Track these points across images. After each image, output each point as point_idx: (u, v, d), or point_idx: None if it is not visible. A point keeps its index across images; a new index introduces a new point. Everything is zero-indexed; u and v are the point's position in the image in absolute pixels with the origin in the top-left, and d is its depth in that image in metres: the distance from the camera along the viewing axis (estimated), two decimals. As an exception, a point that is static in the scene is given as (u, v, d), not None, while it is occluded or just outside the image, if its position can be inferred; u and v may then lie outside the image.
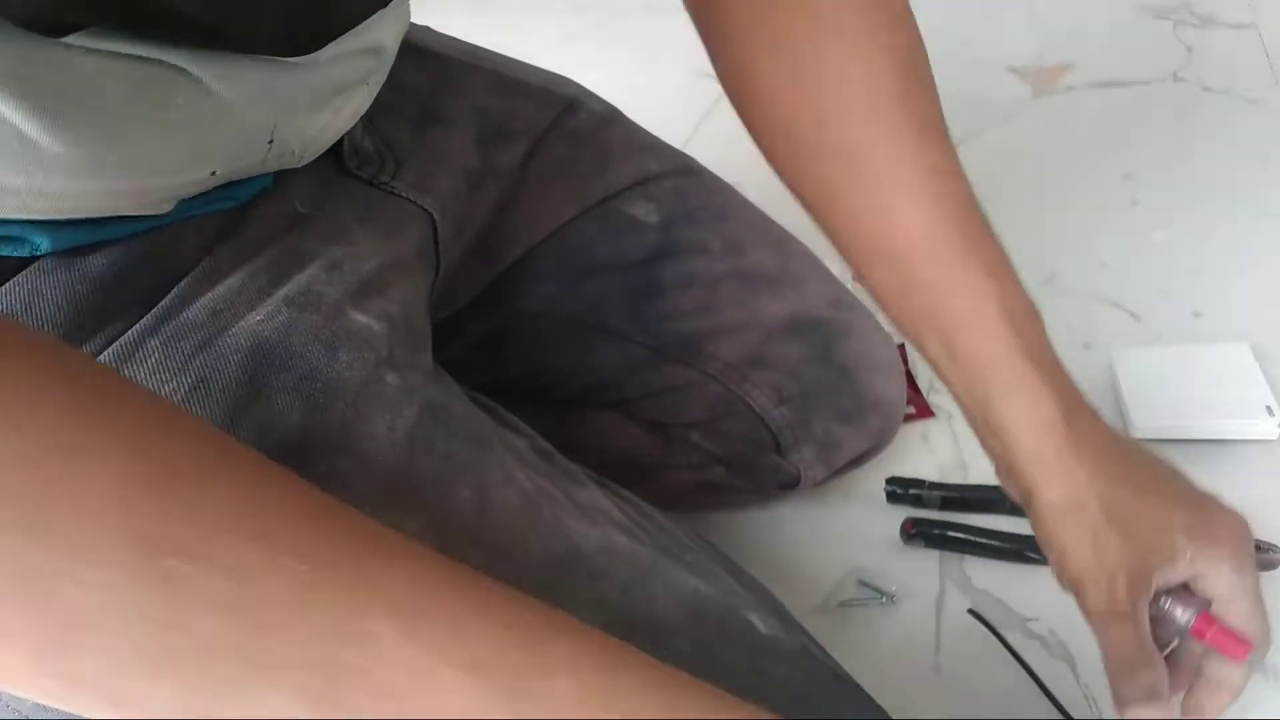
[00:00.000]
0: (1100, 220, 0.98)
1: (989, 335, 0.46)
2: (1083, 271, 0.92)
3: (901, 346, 0.87)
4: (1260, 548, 0.62)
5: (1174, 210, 0.98)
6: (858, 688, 0.48)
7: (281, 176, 0.45)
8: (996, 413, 0.47)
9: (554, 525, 0.42)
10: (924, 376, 0.83)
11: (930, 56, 1.36)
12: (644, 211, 0.63)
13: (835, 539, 0.71)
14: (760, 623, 0.46)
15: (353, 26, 0.40)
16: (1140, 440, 0.73)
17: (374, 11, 0.42)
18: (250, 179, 0.42)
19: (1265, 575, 0.61)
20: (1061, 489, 0.46)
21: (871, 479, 0.74)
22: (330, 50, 0.40)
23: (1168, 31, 1.34)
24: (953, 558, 0.69)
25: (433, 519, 0.39)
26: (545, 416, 0.62)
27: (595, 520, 0.44)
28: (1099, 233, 0.96)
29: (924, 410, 0.81)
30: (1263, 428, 0.71)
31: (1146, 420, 0.72)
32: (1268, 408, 0.72)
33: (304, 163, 0.44)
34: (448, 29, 0.65)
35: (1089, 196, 1.01)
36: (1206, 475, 0.70)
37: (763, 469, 0.68)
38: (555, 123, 0.61)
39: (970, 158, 1.15)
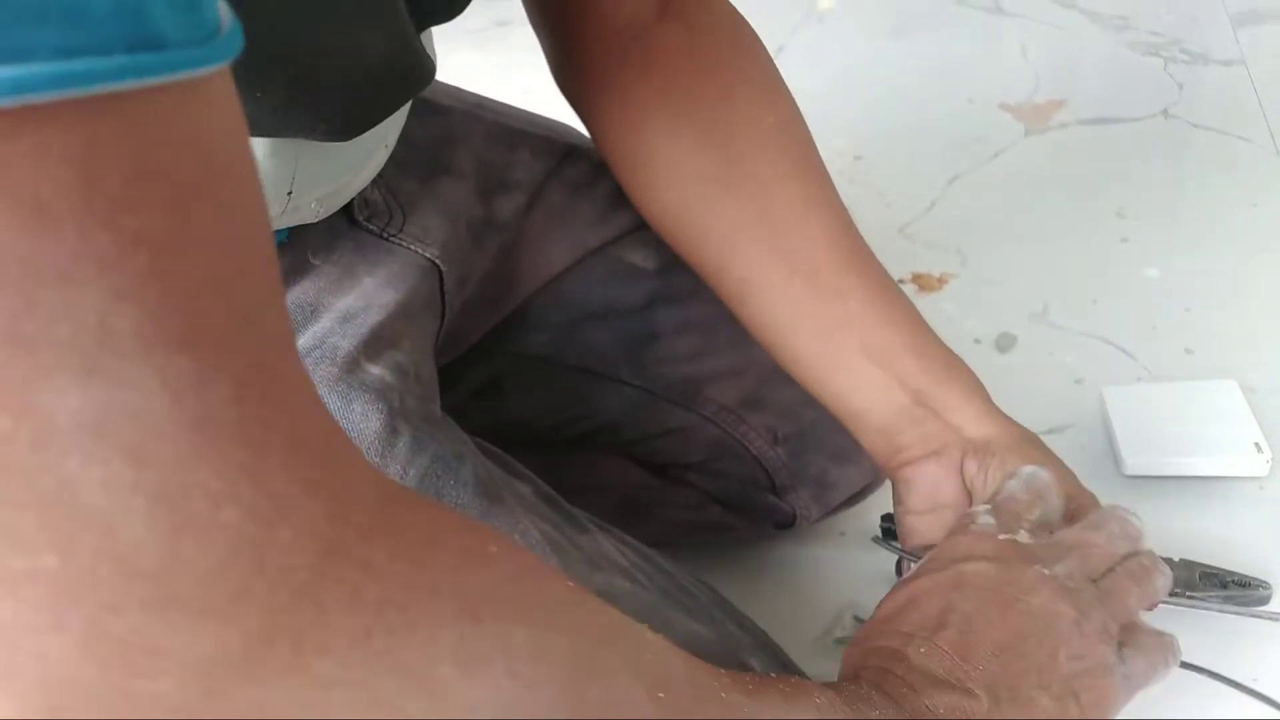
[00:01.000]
0: (1092, 257, 1.00)
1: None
2: (1075, 308, 0.93)
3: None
4: (1248, 584, 0.63)
5: (1165, 247, 1.00)
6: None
7: (295, 229, 0.47)
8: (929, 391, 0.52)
9: (560, 572, 0.43)
10: (919, 413, 0.85)
11: (924, 95, 1.40)
12: (642, 258, 0.64)
13: (831, 576, 0.73)
14: (758, 665, 0.47)
15: (386, 117, 0.43)
16: (1132, 477, 0.74)
17: (404, 103, 0.44)
18: None
19: (1252, 611, 0.62)
20: (1003, 434, 0.51)
21: (867, 516, 0.75)
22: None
23: (1159, 68, 1.36)
24: (948, 595, 0.70)
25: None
26: (544, 459, 0.64)
27: (599, 565, 0.46)
28: (1091, 269, 0.98)
29: (919, 447, 0.82)
30: (1251, 464, 0.72)
31: (1137, 457, 0.74)
32: (1256, 444, 0.73)
33: (321, 216, 0.46)
34: (453, 66, 0.67)
35: (1081, 233, 1.03)
36: (1196, 512, 0.72)
37: (759, 509, 0.69)
38: (554, 171, 0.62)
39: (962, 194, 1.18)
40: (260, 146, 0.39)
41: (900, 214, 1.11)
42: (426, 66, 0.44)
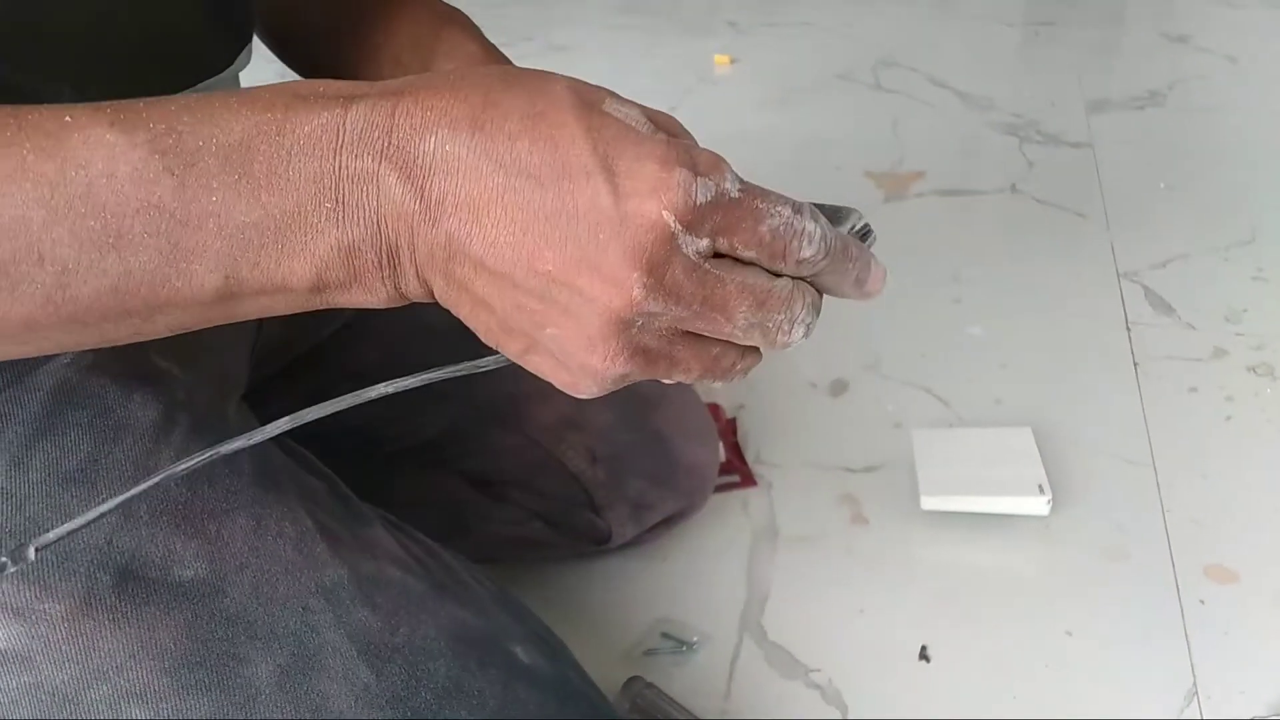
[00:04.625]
0: (925, 314, 1.08)
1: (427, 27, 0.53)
2: (903, 360, 1.00)
3: (733, 420, 0.94)
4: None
5: (991, 309, 1.08)
6: (614, 715, 0.53)
7: None
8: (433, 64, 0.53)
9: (327, 557, 0.47)
10: (751, 448, 0.91)
11: (798, 161, 1.50)
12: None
13: (644, 592, 0.77)
14: (523, 653, 0.51)
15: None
16: (929, 512, 0.81)
17: (182, 89, 0.47)
18: None
19: None
20: None
21: (684, 538, 0.81)
22: None
23: (1014, 147, 1.47)
24: (752, 612, 0.75)
25: (207, 542, 0.44)
26: (371, 468, 0.67)
27: (374, 555, 0.50)
28: (922, 326, 1.06)
29: (747, 479, 0.88)
30: (1034, 504, 0.79)
31: (933, 492, 0.80)
32: (1039, 486, 0.80)
33: None
34: None
35: (918, 293, 1.11)
36: (985, 546, 0.79)
37: (578, 526, 0.73)
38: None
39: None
40: None
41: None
42: (214, 55, 0.47)
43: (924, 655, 0.71)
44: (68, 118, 0.30)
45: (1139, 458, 0.86)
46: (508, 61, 0.52)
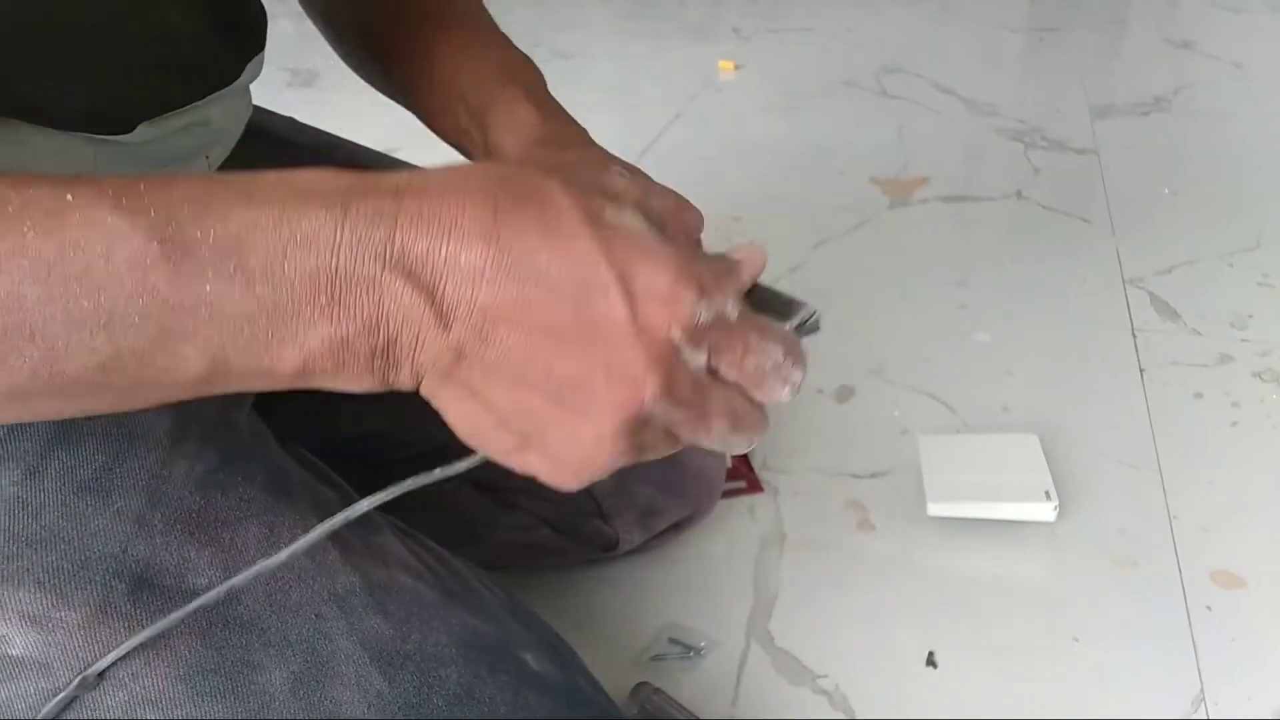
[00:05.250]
0: (930, 320, 1.08)
1: (493, 85, 0.54)
2: (909, 365, 1.01)
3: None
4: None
5: (997, 315, 1.08)
6: (623, 723, 0.53)
7: None
8: (492, 131, 0.53)
9: (339, 565, 0.47)
10: (757, 455, 0.91)
11: (804, 166, 1.50)
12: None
13: (651, 598, 0.77)
14: (534, 660, 0.52)
15: (164, 113, 0.47)
16: (935, 518, 0.81)
17: (186, 103, 0.48)
18: None
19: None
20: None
21: (691, 544, 0.81)
22: (144, 132, 0.46)
23: (1019, 153, 1.48)
24: (759, 617, 0.76)
25: (221, 550, 0.44)
26: (379, 478, 0.67)
27: (385, 563, 0.50)
28: (928, 331, 1.06)
29: (754, 485, 0.88)
30: (1040, 510, 0.79)
31: (939, 498, 0.80)
32: (1046, 492, 0.80)
33: None
34: (362, 110, 0.70)
35: (923, 298, 1.12)
36: (991, 552, 0.79)
37: (586, 532, 0.74)
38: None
39: (826, 258, 1.27)
40: (51, 141, 0.42)
41: (767, 273, 1.18)
42: (225, 69, 0.48)
43: (931, 661, 0.71)
44: (69, 196, 0.31)
45: (1145, 463, 0.87)
46: (568, 123, 0.53)
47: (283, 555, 0.40)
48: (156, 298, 0.31)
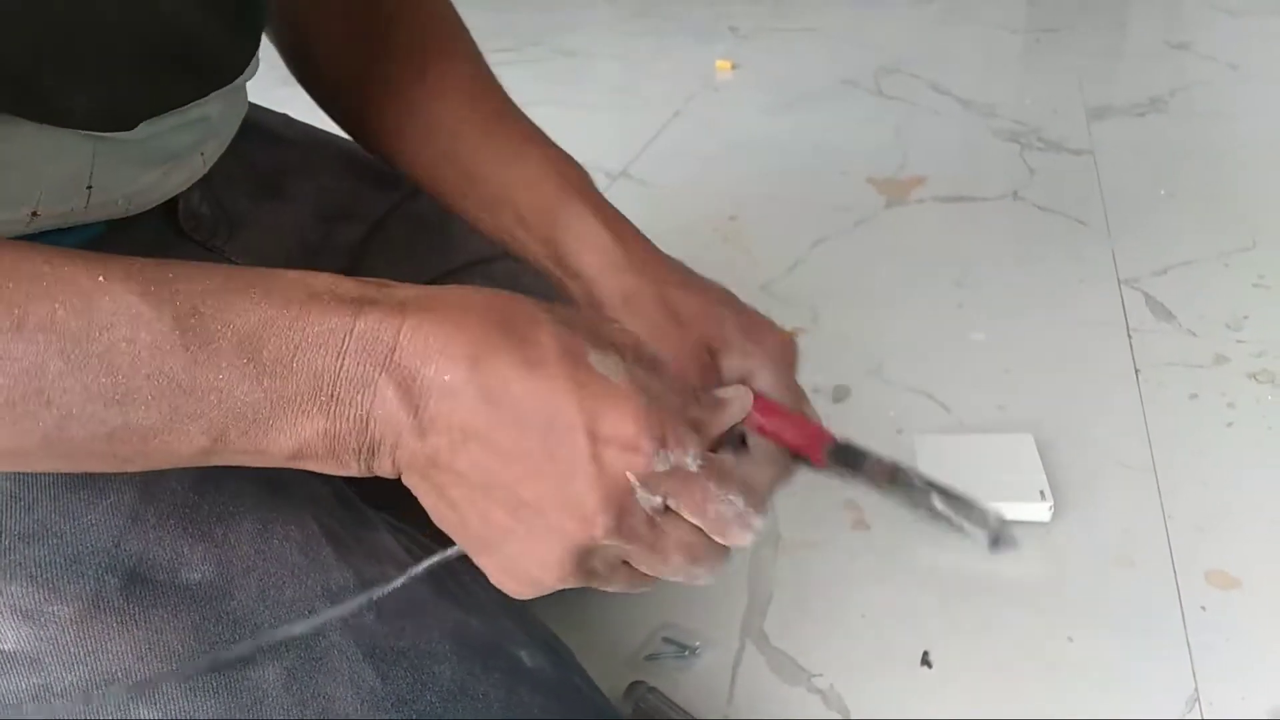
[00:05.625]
0: (927, 320, 1.08)
1: (548, 189, 0.54)
2: (906, 365, 1.01)
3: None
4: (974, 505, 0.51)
5: (993, 315, 1.08)
6: (618, 719, 0.53)
7: (116, 232, 0.50)
8: (564, 248, 0.54)
9: (332, 561, 0.47)
10: (753, 454, 0.91)
11: (802, 166, 1.50)
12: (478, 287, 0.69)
13: (646, 597, 0.77)
14: (527, 657, 0.51)
15: (172, 108, 0.47)
16: (930, 517, 0.81)
17: (198, 97, 0.48)
18: (77, 228, 0.48)
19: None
20: (620, 292, 0.52)
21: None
22: (147, 129, 0.46)
23: (1015, 154, 1.48)
24: (754, 617, 0.76)
25: (214, 545, 0.44)
26: (379, 478, 0.67)
27: (378, 559, 0.50)
28: (924, 331, 1.06)
29: (749, 485, 0.88)
30: (1035, 510, 0.79)
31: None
32: (1041, 492, 0.80)
33: (131, 213, 0.50)
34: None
35: (920, 298, 1.12)
36: (986, 553, 0.79)
37: (581, 530, 0.73)
38: (397, 206, 0.67)
39: (823, 257, 1.26)
40: (50, 138, 0.42)
41: (765, 272, 1.19)
42: (229, 64, 0.47)
43: (926, 661, 0.71)
44: (101, 277, 0.33)
45: (1140, 464, 0.87)
46: (637, 237, 0.54)
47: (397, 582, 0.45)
48: (172, 381, 0.34)
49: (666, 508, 0.38)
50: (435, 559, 0.43)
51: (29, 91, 0.39)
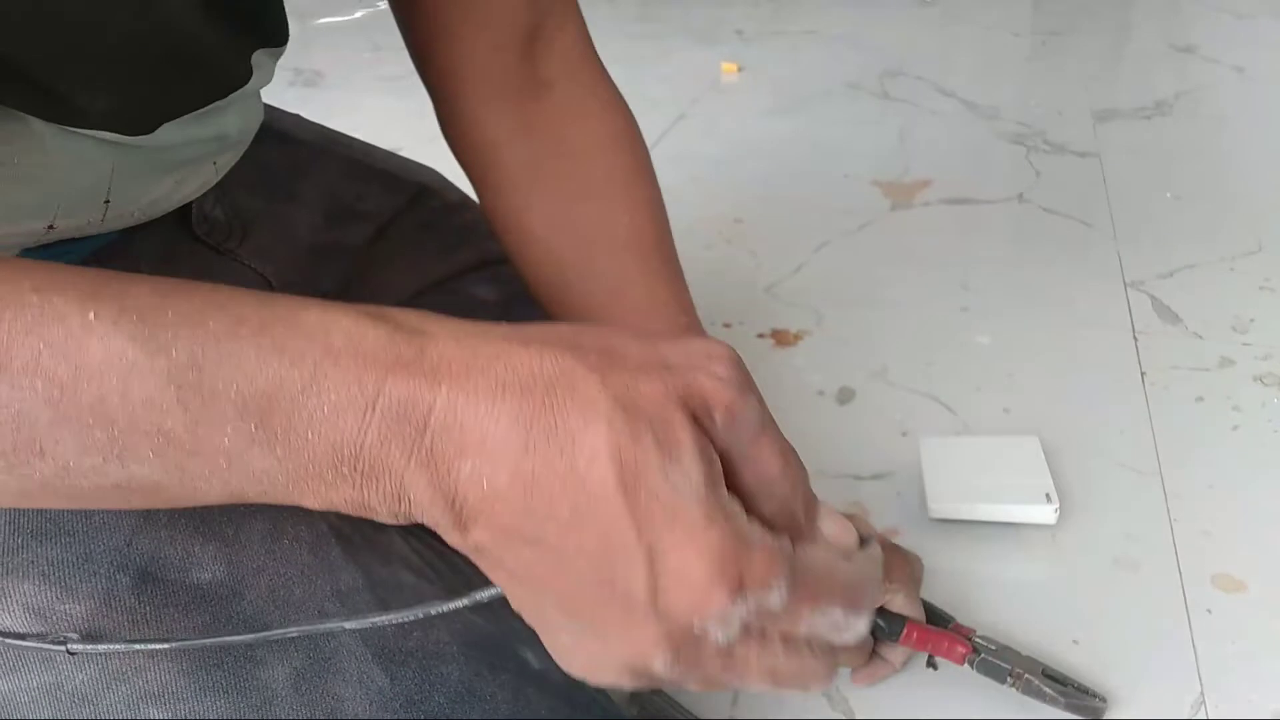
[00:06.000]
0: (932, 323, 1.08)
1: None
2: (911, 368, 1.01)
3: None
4: (1086, 691, 0.66)
5: (999, 318, 1.08)
6: (623, 719, 0.53)
7: (129, 237, 0.51)
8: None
9: (342, 561, 0.47)
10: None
11: (807, 168, 1.50)
12: (486, 291, 0.69)
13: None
14: (534, 658, 0.52)
15: (188, 112, 0.47)
16: (936, 520, 0.81)
17: (211, 101, 0.48)
18: (90, 237, 0.48)
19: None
20: None
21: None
22: (167, 135, 0.46)
23: (1021, 156, 1.48)
24: (760, 620, 0.76)
25: (225, 545, 0.45)
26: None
27: (388, 560, 0.50)
28: (930, 334, 1.06)
29: (755, 487, 0.88)
30: (1041, 513, 0.79)
31: (940, 500, 0.80)
32: (1047, 495, 0.80)
33: (144, 220, 0.50)
34: (371, 109, 0.71)
35: (925, 301, 1.12)
36: (992, 554, 0.79)
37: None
38: (405, 207, 0.68)
39: (828, 260, 1.26)
40: (70, 151, 0.42)
41: (769, 274, 1.19)
42: (238, 70, 0.48)
43: (931, 662, 0.71)
44: (91, 315, 0.29)
45: (1146, 467, 0.87)
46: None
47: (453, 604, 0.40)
48: (171, 440, 0.30)
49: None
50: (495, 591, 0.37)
51: (48, 93, 0.39)
